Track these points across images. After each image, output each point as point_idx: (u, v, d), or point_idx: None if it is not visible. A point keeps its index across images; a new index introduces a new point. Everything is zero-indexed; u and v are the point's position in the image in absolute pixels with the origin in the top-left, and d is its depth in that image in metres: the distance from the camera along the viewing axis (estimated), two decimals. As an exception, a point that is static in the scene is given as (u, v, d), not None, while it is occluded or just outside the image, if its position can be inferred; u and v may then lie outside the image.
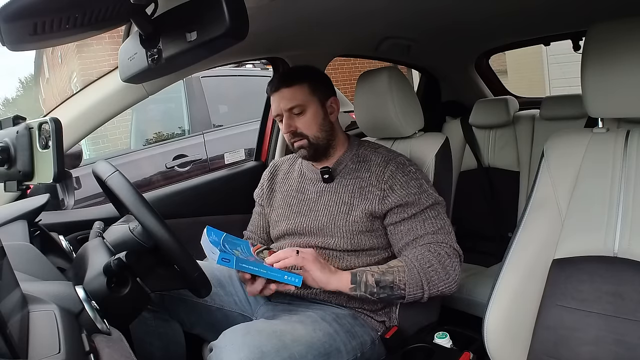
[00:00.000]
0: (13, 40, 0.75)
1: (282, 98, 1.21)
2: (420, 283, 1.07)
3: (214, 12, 0.76)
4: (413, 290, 1.07)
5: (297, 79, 1.22)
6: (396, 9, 1.40)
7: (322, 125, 1.23)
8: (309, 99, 1.22)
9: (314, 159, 1.27)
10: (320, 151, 1.25)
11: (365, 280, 1.07)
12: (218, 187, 1.79)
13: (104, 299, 0.79)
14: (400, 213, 1.15)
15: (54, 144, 0.75)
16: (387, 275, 1.08)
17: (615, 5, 1.37)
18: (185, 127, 3.77)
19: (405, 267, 1.08)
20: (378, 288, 1.07)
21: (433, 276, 1.08)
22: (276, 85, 1.23)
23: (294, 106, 1.20)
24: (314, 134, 1.22)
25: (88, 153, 4.59)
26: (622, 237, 0.91)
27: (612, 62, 0.92)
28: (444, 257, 1.10)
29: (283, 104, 1.21)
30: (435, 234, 1.13)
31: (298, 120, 1.22)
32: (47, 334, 0.54)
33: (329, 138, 1.25)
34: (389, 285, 1.07)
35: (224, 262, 0.99)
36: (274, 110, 1.25)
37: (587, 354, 0.89)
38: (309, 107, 1.22)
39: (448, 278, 1.09)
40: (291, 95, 1.21)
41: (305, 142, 1.22)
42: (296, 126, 1.22)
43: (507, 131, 2.07)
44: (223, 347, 0.94)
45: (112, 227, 1.02)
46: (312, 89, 1.23)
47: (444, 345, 1.09)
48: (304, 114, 1.21)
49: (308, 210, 1.26)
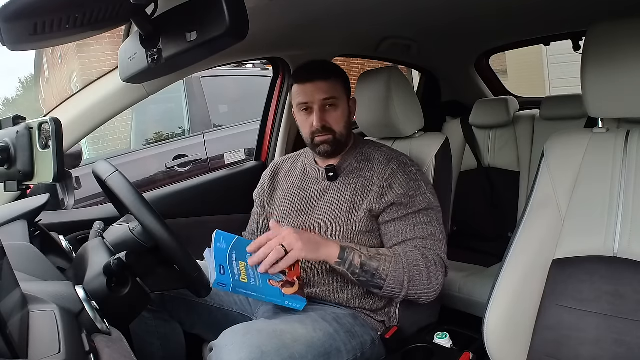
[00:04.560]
0: (13, 40, 0.75)
1: (318, 89, 1.20)
2: (402, 279, 1.07)
3: (214, 12, 0.76)
4: (392, 284, 1.07)
5: (333, 73, 1.23)
6: (396, 8, 1.40)
7: (347, 123, 1.25)
8: (341, 95, 1.23)
9: (332, 155, 1.26)
10: (340, 148, 1.26)
11: (352, 259, 1.07)
12: (218, 187, 1.79)
13: (104, 299, 0.79)
14: (393, 212, 1.15)
15: (54, 144, 0.75)
16: (373, 260, 1.07)
17: (615, 5, 1.37)
18: (185, 127, 3.76)
19: (393, 259, 1.08)
20: (361, 270, 1.07)
21: (416, 277, 1.08)
22: (310, 76, 1.21)
23: (330, 98, 1.20)
24: (341, 130, 1.23)
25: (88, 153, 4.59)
26: (622, 237, 0.91)
27: (612, 62, 0.92)
28: (431, 262, 1.10)
29: (319, 95, 1.20)
30: (424, 240, 1.12)
31: (329, 114, 1.22)
32: (47, 334, 0.54)
33: (349, 137, 1.27)
34: (372, 271, 1.07)
35: (220, 286, 0.96)
36: (303, 98, 1.22)
37: (587, 354, 0.89)
38: (341, 102, 1.23)
39: (429, 284, 1.09)
40: (328, 87, 1.20)
41: (330, 138, 1.22)
42: (327, 120, 1.22)
43: (507, 131, 2.07)
44: (223, 347, 0.94)
45: (112, 227, 1.02)
46: (344, 85, 1.25)
47: (444, 345, 1.09)
48: (336, 108, 1.22)
49: (310, 208, 1.26)
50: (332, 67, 1.27)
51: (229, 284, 0.95)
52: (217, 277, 0.94)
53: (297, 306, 1.04)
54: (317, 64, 1.26)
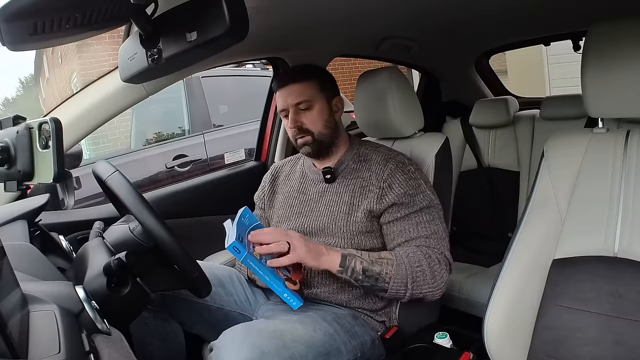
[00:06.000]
0: (13, 40, 0.75)
1: (290, 93, 1.22)
2: (406, 281, 1.07)
3: (214, 12, 0.76)
4: (396, 286, 1.08)
5: (306, 76, 1.23)
6: (396, 8, 1.40)
7: (327, 122, 1.24)
8: (316, 96, 1.22)
9: (317, 156, 1.27)
10: (324, 149, 1.25)
11: (354, 266, 1.08)
12: (218, 187, 1.79)
13: (104, 299, 0.79)
14: (394, 212, 1.15)
15: (54, 144, 0.75)
16: (375, 265, 1.08)
17: (615, 5, 1.37)
18: (185, 127, 3.77)
19: (395, 262, 1.09)
20: (364, 276, 1.08)
21: (419, 277, 1.08)
22: (284, 81, 1.23)
23: (302, 101, 1.21)
24: (319, 130, 1.23)
25: (88, 153, 4.59)
26: (622, 237, 0.91)
27: (612, 62, 0.92)
28: (434, 261, 1.10)
29: (290, 99, 1.21)
30: (427, 238, 1.13)
31: (304, 116, 1.22)
32: (47, 334, 0.54)
33: (333, 136, 1.26)
34: (374, 275, 1.08)
35: (234, 251, 0.99)
36: (280, 105, 1.25)
37: (587, 354, 0.89)
38: (315, 103, 1.22)
39: (434, 283, 1.09)
40: (299, 90, 1.21)
41: (309, 139, 1.23)
42: (302, 121, 1.22)
43: (507, 131, 2.07)
44: (223, 347, 0.94)
45: (112, 227, 1.02)
46: (320, 86, 1.24)
47: (444, 345, 1.09)
48: (310, 109, 1.22)
49: (309, 211, 1.26)
50: (306, 69, 1.27)
51: (242, 252, 0.99)
52: (234, 242, 0.98)
53: (294, 303, 1.06)
54: (292, 68, 1.27)
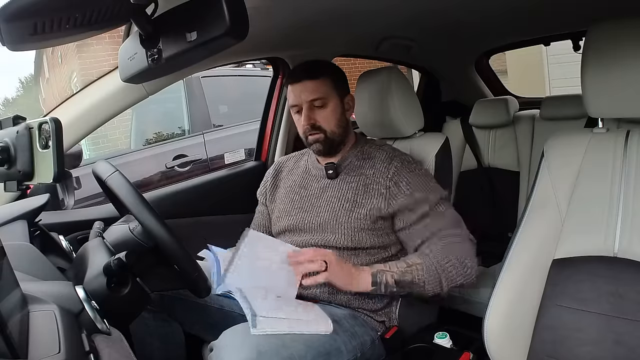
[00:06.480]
0: (13, 40, 0.75)
1: (304, 89, 1.21)
2: (439, 280, 1.09)
3: (214, 12, 0.76)
4: (432, 288, 1.10)
5: (321, 73, 1.23)
6: (396, 8, 1.40)
7: (339, 121, 1.24)
8: (330, 93, 1.23)
9: (327, 154, 1.27)
10: (334, 147, 1.26)
11: (386, 282, 1.09)
12: (218, 187, 1.79)
13: (104, 299, 0.78)
14: (411, 215, 1.16)
15: (54, 144, 0.75)
16: (406, 275, 1.09)
17: (615, 5, 1.37)
18: (185, 127, 3.76)
19: (424, 265, 1.10)
20: (398, 288, 1.10)
21: (451, 272, 1.09)
22: (298, 77, 1.23)
23: (317, 98, 1.21)
24: (332, 128, 1.23)
25: (88, 153, 4.59)
26: (622, 237, 0.91)
27: (612, 62, 0.92)
28: (460, 250, 1.12)
29: (305, 95, 1.21)
30: (447, 229, 1.15)
31: (318, 113, 1.22)
32: (47, 334, 0.54)
33: (344, 134, 1.26)
34: (408, 284, 1.09)
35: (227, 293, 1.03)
36: (292, 100, 1.24)
37: (587, 354, 0.89)
38: (330, 101, 1.22)
39: (466, 270, 1.11)
40: (314, 87, 1.21)
41: (321, 136, 1.23)
42: (315, 119, 1.22)
43: (507, 131, 2.07)
44: (223, 347, 0.94)
45: (112, 227, 1.01)
46: (334, 84, 1.24)
47: (444, 345, 1.09)
48: (324, 107, 1.22)
49: (310, 206, 1.26)
50: (321, 66, 1.27)
51: None
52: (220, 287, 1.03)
53: None
54: (307, 64, 1.26)
